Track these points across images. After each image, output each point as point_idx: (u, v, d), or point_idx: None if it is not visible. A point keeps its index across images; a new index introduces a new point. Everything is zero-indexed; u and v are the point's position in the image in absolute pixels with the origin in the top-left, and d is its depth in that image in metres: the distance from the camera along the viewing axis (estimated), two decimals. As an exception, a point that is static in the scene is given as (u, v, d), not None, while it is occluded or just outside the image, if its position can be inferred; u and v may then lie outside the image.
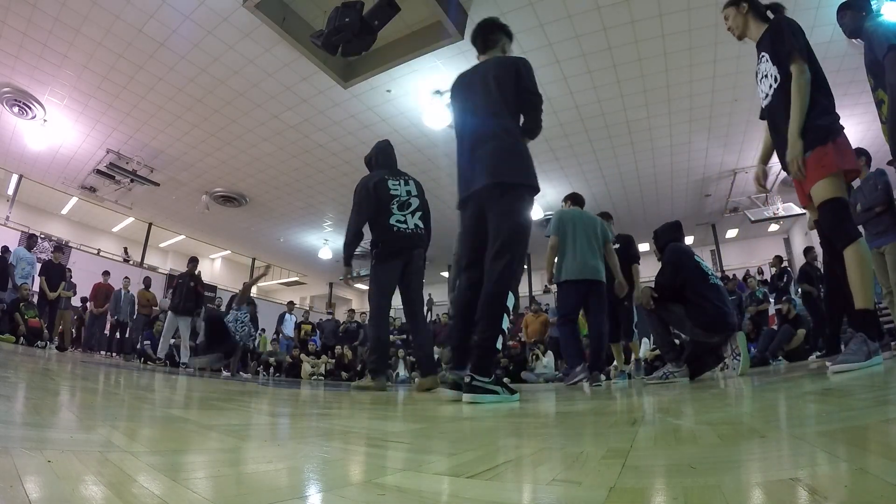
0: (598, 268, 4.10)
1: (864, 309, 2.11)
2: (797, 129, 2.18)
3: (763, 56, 2.45)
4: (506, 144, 2.19)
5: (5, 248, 7.84)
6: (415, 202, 3.68)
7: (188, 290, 7.60)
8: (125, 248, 13.39)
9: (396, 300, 3.71)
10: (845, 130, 2.29)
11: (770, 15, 2.52)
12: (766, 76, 2.43)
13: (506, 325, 2.01)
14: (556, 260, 4.22)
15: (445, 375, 2.73)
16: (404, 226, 3.54)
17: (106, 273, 9.22)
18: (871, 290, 2.10)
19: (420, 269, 3.66)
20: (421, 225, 3.63)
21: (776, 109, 2.37)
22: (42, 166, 9.87)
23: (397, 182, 3.70)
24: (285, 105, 7.52)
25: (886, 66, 2.44)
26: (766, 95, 2.44)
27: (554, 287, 5.44)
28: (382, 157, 3.95)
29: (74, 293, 8.78)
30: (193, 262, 8.01)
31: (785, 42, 2.29)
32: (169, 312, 7.63)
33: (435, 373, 3.57)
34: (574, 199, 4.62)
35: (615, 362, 5.63)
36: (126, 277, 9.45)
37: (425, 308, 4.00)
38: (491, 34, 2.45)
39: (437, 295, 12.94)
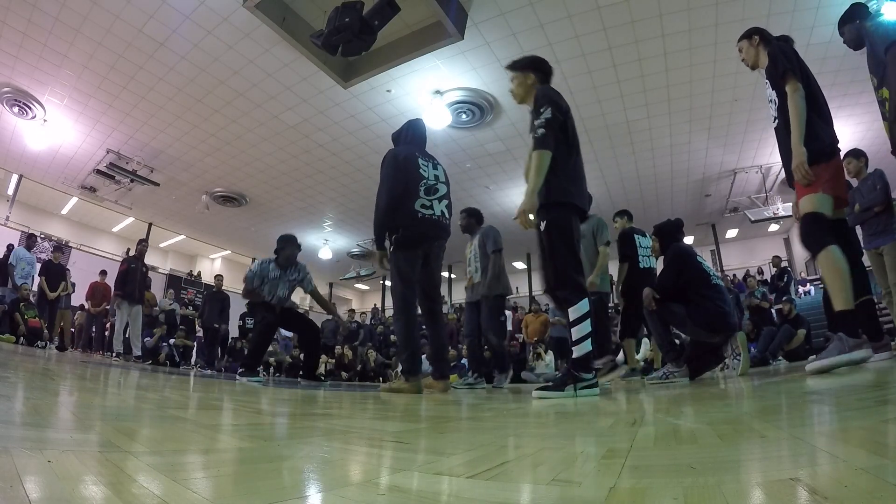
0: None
1: (842, 310, 2.24)
2: (798, 138, 2.31)
3: (766, 83, 2.60)
4: None
5: (10, 247, 7.85)
6: (442, 188, 3.33)
7: (141, 275, 7.18)
8: (128, 250, 13.39)
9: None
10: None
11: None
12: (771, 101, 2.59)
13: None
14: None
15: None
16: (430, 212, 3.19)
17: (103, 272, 9.17)
18: (846, 292, 2.23)
19: (440, 261, 3.37)
20: (447, 214, 3.33)
21: (779, 129, 2.52)
22: (42, 166, 9.87)
23: (427, 163, 3.33)
24: (285, 105, 7.52)
25: (888, 61, 2.45)
26: (774, 118, 2.58)
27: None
28: (413, 134, 3.51)
29: (73, 290, 8.77)
30: (142, 243, 7.60)
31: (777, 65, 2.44)
32: (124, 302, 7.00)
33: (447, 377, 3.32)
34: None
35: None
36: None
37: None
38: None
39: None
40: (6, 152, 9.38)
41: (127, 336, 7.17)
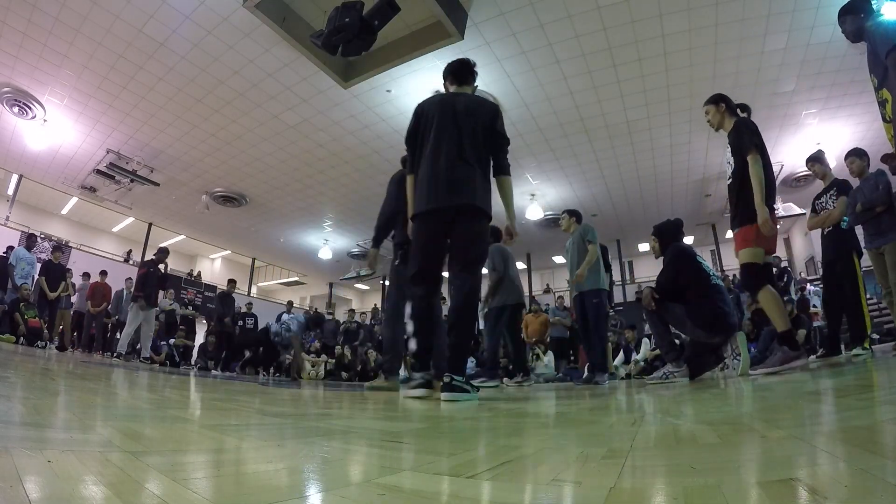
0: None
1: (782, 331, 2.91)
2: (761, 199, 2.84)
3: (728, 147, 3.15)
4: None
5: (10, 248, 7.85)
6: None
7: (158, 279, 7.34)
8: (129, 251, 13.40)
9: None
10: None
11: (739, 112, 3.21)
12: (728, 162, 3.16)
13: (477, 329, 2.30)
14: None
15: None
16: None
17: (103, 273, 9.17)
18: (783, 318, 2.93)
19: None
20: None
21: (731, 187, 3.12)
22: (42, 166, 9.86)
23: None
24: (285, 105, 7.52)
25: (889, 66, 2.46)
26: (729, 176, 3.17)
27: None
28: None
29: (74, 291, 8.77)
30: (163, 252, 7.67)
31: (743, 139, 2.98)
32: (135, 306, 7.06)
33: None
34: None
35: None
36: (128, 278, 9.43)
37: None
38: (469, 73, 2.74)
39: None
40: (6, 152, 9.38)
41: (134, 337, 7.30)
